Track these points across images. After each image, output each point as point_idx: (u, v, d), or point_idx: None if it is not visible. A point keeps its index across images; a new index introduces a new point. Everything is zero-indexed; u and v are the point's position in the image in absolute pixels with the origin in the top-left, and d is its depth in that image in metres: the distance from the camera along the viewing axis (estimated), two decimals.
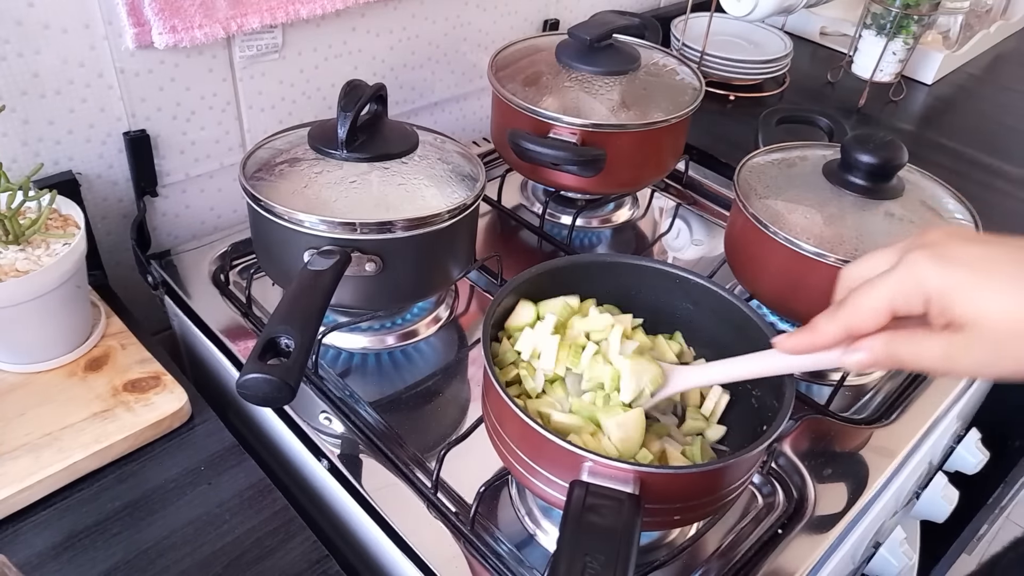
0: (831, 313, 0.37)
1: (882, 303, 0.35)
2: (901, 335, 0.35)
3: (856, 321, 0.36)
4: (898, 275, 0.34)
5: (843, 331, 0.36)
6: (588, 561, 0.35)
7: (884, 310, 0.35)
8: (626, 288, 0.54)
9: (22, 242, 0.52)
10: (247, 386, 0.43)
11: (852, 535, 0.53)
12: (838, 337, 0.37)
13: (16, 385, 0.54)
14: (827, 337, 0.37)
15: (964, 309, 0.33)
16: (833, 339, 0.37)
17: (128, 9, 0.59)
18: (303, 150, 0.59)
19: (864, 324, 0.36)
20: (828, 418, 0.60)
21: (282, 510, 0.49)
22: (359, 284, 0.57)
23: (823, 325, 0.37)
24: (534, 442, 0.42)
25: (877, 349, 0.36)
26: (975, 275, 0.33)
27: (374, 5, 0.74)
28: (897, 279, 0.34)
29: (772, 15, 0.97)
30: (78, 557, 0.46)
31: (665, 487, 0.40)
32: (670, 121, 0.70)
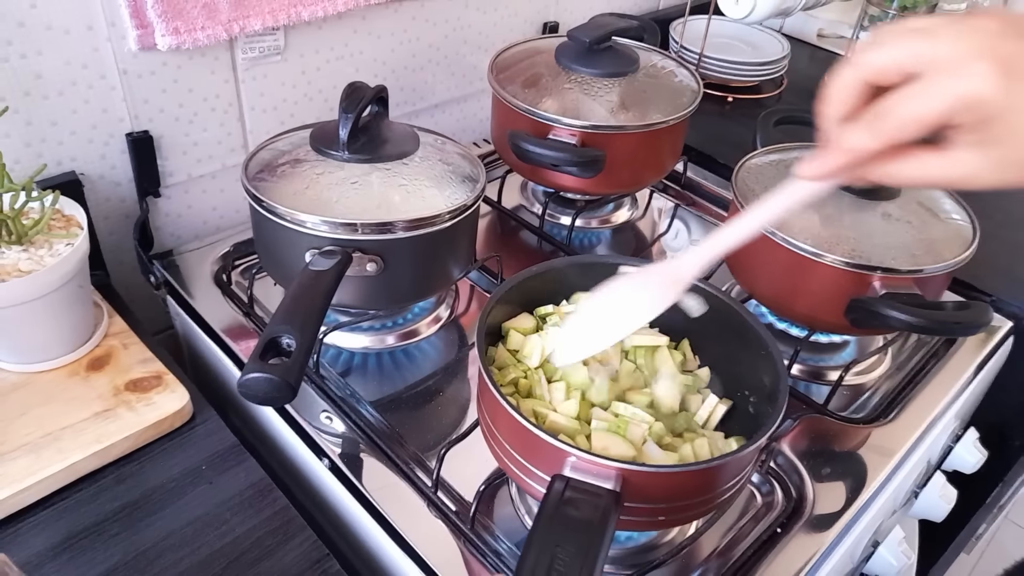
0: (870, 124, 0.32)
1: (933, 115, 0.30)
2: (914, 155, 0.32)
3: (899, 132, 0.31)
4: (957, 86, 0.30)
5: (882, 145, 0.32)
6: (558, 553, 0.35)
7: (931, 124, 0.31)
8: None
9: (25, 242, 0.52)
10: (248, 385, 0.43)
11: (851, 534, 0.53)
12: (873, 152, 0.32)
13: (18, 385, 0.54)
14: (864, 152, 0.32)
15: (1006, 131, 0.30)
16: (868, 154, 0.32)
17: (131, 11, 0.59)
18: (305, 151, 0.59)
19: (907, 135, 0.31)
20: (827, 417, 0.60)
21: (283, 509, 0.50)
22: (360, 284, 0.57)
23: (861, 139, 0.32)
24: (523, 438, 0.42)
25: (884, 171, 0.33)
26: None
27: (375, 8, 0.75)
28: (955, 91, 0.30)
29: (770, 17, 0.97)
30: (78, 557, 0.46)
31: (647, 486, 0.40)
32: (669, 122, 0.71)
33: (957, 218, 0.63)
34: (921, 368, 0.67)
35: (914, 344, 0.69)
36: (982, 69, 0.30)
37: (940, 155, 0.32)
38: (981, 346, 0.69)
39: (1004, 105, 0.30)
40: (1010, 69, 0.30)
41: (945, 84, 0.30)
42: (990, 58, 0.30)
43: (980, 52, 0.30)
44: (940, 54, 0.30)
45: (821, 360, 0.67)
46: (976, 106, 0.30)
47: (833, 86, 0.33)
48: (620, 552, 0.50)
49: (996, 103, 0.30)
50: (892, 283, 0.56)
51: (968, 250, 0.59)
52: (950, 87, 0.30)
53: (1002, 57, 0.30)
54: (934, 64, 0.30)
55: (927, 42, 0.31)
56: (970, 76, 0.30)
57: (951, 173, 0.32)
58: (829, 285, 0.58)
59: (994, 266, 0.74)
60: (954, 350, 0.68)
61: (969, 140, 0.31)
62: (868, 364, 0.66)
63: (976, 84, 0.30)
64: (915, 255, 0.58)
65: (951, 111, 0.31)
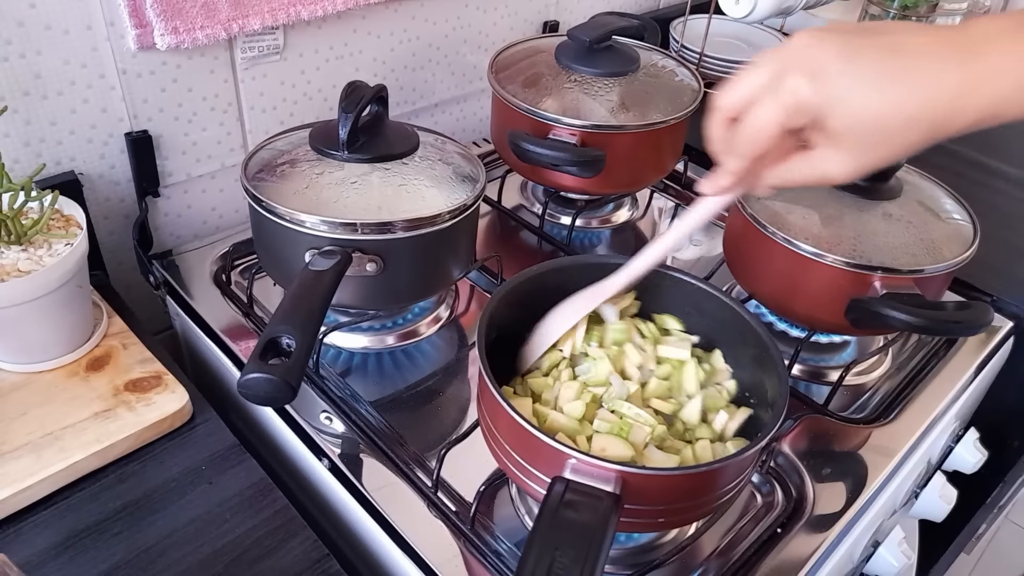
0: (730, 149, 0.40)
1: (770, 127, 0.37)
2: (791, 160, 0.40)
3: (755, 149, 0.39)
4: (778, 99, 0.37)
5: (748, 161, 0.40)
6: (558, 555, 0.35)
7: (775, 134, 0.37)
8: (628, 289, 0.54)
9: (24, 242, 0.52)
10: (248, 386, 0.43)
11: (851, 534, 0.53)
12: (746, 166, 0.40)
13: (18, 385, 0.54)
14: (739, 170, 0.40)
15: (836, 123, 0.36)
16: (743, 169, 0.40)
17: (130, 10, 0.59)
18: (304, 151, 0.59)
19: (762, 149, 0.39)
20: (827, 417, 0.60)
21: (283, 509, 0.50)
22: (360, 284, 0.57)
23: (731, 163, 0.40)
24: (523, 439, 0.42)
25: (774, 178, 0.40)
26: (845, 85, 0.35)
27: (375, 7, 0.75)
28: (779, 103, 0.37)
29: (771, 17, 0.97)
30: (79, 556, 0.46)
31: (647, 488, 0.40)
32: (669, 122, 0.71)
33: (957, 218, 0.63)
34: (921, 368, 0.67)
35: (914, 344, 0.69)
36: (792, 79, 0.36)
37: (805, 156, 0.39)
38: (981, 346, 0.69)
39: (823, 102, 0.36)
40: (815, 72, 0.35)
41: (769, 101, 0.37)
42: (798, 67, 0.36)
43: (791, 65, 0.36)
44: (764, 79, 0.37)
45: (821, 360, 0.67)
46: (800, 109, 0.36)
47: (707, 131, 0.41)
48: (620, 552, 0.50)
49: (815, 102, 0.36)
50: (892, 283, 0.56)
51: (969, 250, 0.59)
52: (773, 102, 0.37)
53: (808, 64, 0.36)
54: (763, 88, 0.37)
55: (754, 74, 0.38)
56: (785, 87, 0.36)
57: (817, 169, 0.39)
58: (829, 285, 0.58)
59: (995, 266, 0.74)
60: (954, 350, 0.68)
61: (818, 139, 0.38)
62: (868, 364, 0.66)
63: (791, 92, 0.36)
64: (915, 255, 0.58)
65: (784, 120, 0.37)
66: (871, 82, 0.34)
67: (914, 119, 0.35)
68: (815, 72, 0.35)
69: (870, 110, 0.35)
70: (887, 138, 0.36)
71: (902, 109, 0.34)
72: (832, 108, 0.35)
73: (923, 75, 0.34)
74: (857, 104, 0.35)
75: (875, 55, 0.35)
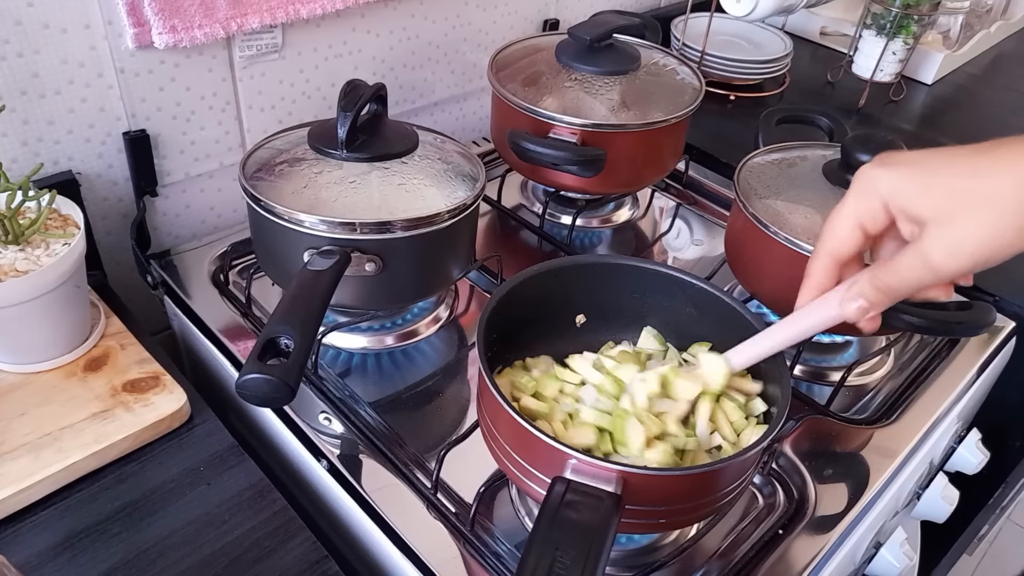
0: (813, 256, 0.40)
1: (850, 221, 0.37)
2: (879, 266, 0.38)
3: (834, 246, 0.38)
4: (853, 191, 0.37)
5: (830, 260, 0.39)
6: (558, 556, 0.35)
7: (854, 227, 0.37)
8: (627, 289, 0.53)
9: (22, 242, 0.52)
10: (247, 386, 0.43)
11: (853, 535, 0.53)
12: (829, 269, 0.39)
13: (16, 385, 0.54)
14: (821, 274, 0.40)
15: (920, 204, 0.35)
16: (827, 274, 0.40)
17: (128, 9, 0.59)
18: (303, 150, 0.59)
19: (843, 247, 0.38)
20: (829, 418, 0.60)
21: (282, 510, 0.49)
22: (359, 284, 0.57)
23: (813, 267, 0.40)
24: (524, 440, 0.42)
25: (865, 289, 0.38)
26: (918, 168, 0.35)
27: (374, 5, 0.74)
28: (853, 195, 0.37)
29: (772, 15, 0.96)
30: (78, 557, 0.46)
31: (648, 488, 0.39)
32: (670, 121, 0.70)
33: None
34: (924, 369, 0.66)
35: (917, 344, 0.69)
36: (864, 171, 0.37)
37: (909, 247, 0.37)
38: (984, 347, 0.68)
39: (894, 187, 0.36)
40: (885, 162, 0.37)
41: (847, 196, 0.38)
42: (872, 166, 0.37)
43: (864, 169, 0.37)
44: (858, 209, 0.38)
45: (823, 361, 0.67)
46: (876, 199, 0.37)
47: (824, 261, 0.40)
48: (620, 554, 0.50)
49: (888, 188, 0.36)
50: None
51: None
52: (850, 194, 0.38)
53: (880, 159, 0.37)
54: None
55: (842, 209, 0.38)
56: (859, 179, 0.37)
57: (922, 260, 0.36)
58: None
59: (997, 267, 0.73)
60: (957, 351, 0.68)
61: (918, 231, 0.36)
62: (870, 365, 0.66)
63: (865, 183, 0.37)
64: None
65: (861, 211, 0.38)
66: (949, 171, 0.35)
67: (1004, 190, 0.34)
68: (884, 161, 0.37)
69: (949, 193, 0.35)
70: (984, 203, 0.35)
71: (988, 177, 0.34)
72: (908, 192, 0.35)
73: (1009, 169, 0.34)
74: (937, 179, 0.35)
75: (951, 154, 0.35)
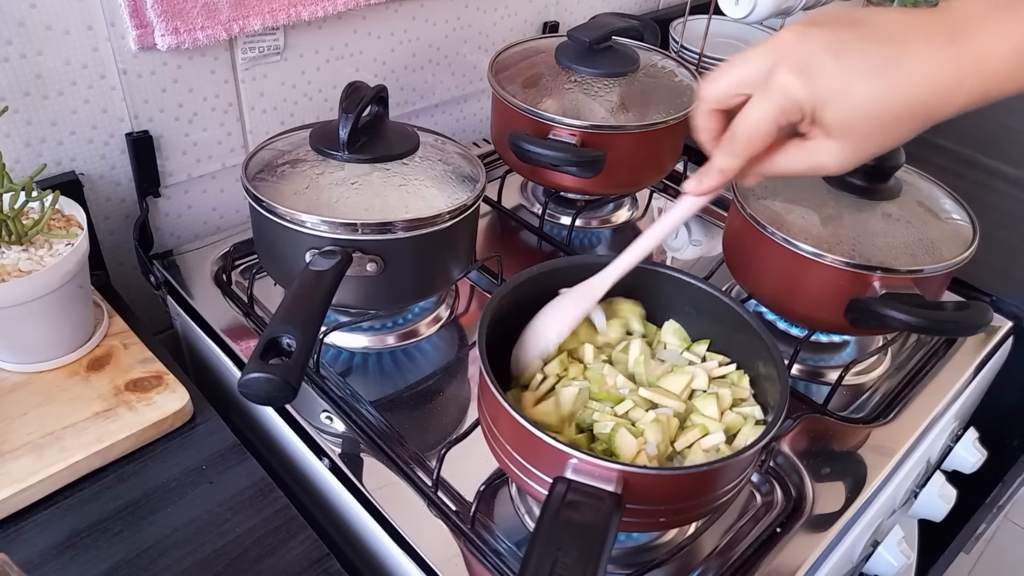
0: (726, 148, 0.40)
1: (765, 126, 0.37)
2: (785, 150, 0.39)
3: (751, 148, 0.39)
4: (771, 98, 0.37)
5: (744, 161, 0.40)
6: (560, 555, 0.35)
7: (771, 132, 0.38)
8: (627, 289, 0.54)
9: (25, 242, 0.52)
10: (249, 385, 0.43)
11: (850, 534, 0.53)
12: (740, 167, 0.40)
13: (19, 384, 0.54)
14: (733, 170, 0.40)
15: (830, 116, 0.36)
16: (737, 170, 0.40)
17: (130, 11, 0.59)
18: (305, 151, 0.59)
19: (757, 148, 0.39)
20: (826, 417, 0.60)
21: (283, 509, 0.50)
22: (360, 284, 0.57)
23: (724, 161, 0.40)
24: (524, 439, 0.42)
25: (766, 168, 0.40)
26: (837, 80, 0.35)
27: (375, 7, 0.75)
28: (771, 101, 0.37)
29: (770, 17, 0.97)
30: (80, 556, 0.46)
31: (649, 488, 0.40)
32: (669, 122, 0.71)
33: (957, 218, 0.63)
34: (921, 368, 0.67)
35: (914, 344, 0.69)
36: (783, 77, 0.36)
37: (800, 146, 0.39)
38: (981, 346, 0.69)
39: (815, 97, 0.36)
40: (805, 68, 0.36)
41: (762, 99, 0.37)
42: (787, 64, 0.36)
43: (779, 61, 0.36)
44: (757, 71, 0.37)
45: (821, 360, 0.67)
46: (793, 105, 0.36)
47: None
48: (619, 552, 0.50)
49: (806, 98, 0.36)
50: (892, 283, 0.56)
51: (968, 250, 0.59)
52: (766, 100, 0.37)
53: (797, 60, 0.36)
54: (756, 82, 0.37)
55: (742, 67, 0.38)
56: (775, 85, 0.36)
57: (812, 160, 0.38)
58: (829, 285, 0.58)
59: (994, 266, 0.74)
60: (954, 350, 0.68)
61: (814, 132, 0.38)
62: (868, 364, 0.66)
63: (783, 90, 0.36)
64: (915, 255, 0.58)
65: (779, 117, 0.37)
66: (861, 74, 0.35)
67: (906, 108, 0.35)
68: (804, 68, 0.36)
69: (862, 103, 0.35)
70: (881, 128, 0.36)
71: (894, 99, 0.35)
72: (825, 102, 0.36)
73: (912, 63, 0.34)
74: (850, 98, 0.35)
75: (862, 46, 0.35)
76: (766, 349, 0.47)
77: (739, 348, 0.51)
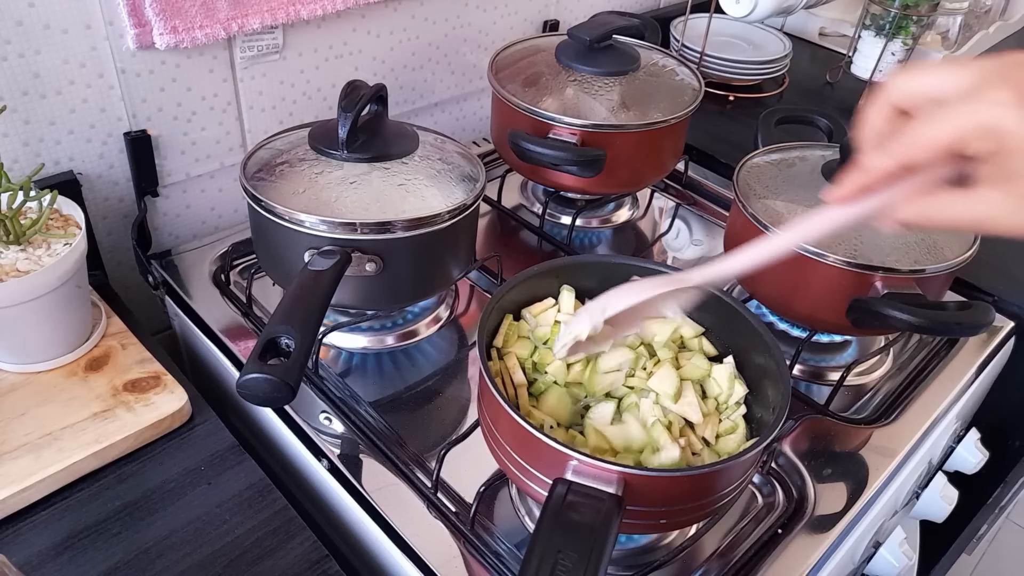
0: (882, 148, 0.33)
1: (946, 139, 0.31)
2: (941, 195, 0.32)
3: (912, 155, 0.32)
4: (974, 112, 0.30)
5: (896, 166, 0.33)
6: (560, 557, 0.35)
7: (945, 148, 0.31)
8: None
9: (23, 242, 0.52)
10: (247, 386, 0.43)
11: (852, 535, 0.53)
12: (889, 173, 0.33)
13: (17, 385, 0.54)
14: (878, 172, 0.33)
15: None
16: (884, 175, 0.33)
17: (129, 10, 0.59)
18: (304, 150, 0.59)
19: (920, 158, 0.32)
20: (828, 418, 0.60)
21: (282, 510, 0.49)
22: (359, 284, 0.57)
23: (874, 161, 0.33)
24: (525, 441, 0.42)
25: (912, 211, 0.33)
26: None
27: (374, 6, 0.74)
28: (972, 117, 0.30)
29: (771, 16, 0.97)
30: (78, 557, 0.46)
31: (649, 489, 0.40)
32: (670, 121, 0.70)
33: None
34: (923, 368, 0.66)
35: (916, 344, 0.69)
36: (1002, 97, 0.30)
37: (965, 194, 0.32)
38: (983, 346, 0.68)
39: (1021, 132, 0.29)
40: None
41: (963, 109, 0.30)
42: (1009, 85, 0.30)
43: (999, 80, 0.30)
44: (965, 82, 0.31)
45: (822, 360, 0.67)
46: (993, 133, 0.30)
47: (867, 111, 0.34)
48: (620, 553, 0.50)
49: (1014, 131, 0.29)
50: (894, 283, 0.56)
51: (970, 250, 0.59)
52: (968, 112, 0.30)
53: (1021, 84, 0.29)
54: (958, 91, 0.31)
55: (954, 71, 0.32)
56: (989, 102, 0.30)
57: (974, 212, 0.32)
58: (831, 285, 0.58)
59: (996, 266, 0.74)
60: (956, 350, 0.68)
61: (990, 174, 0.31)
62: (870, 364, 0.66)
63: (994, 111, 0.30)
64: (917, 255, 0.58)
65: (967, 136, 0.30)
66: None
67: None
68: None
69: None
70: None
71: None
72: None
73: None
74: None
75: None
76: (768, 350, 0.47)
77: (740, 348, 0.50)
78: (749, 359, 0.50)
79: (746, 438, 0.47)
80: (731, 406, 0.48)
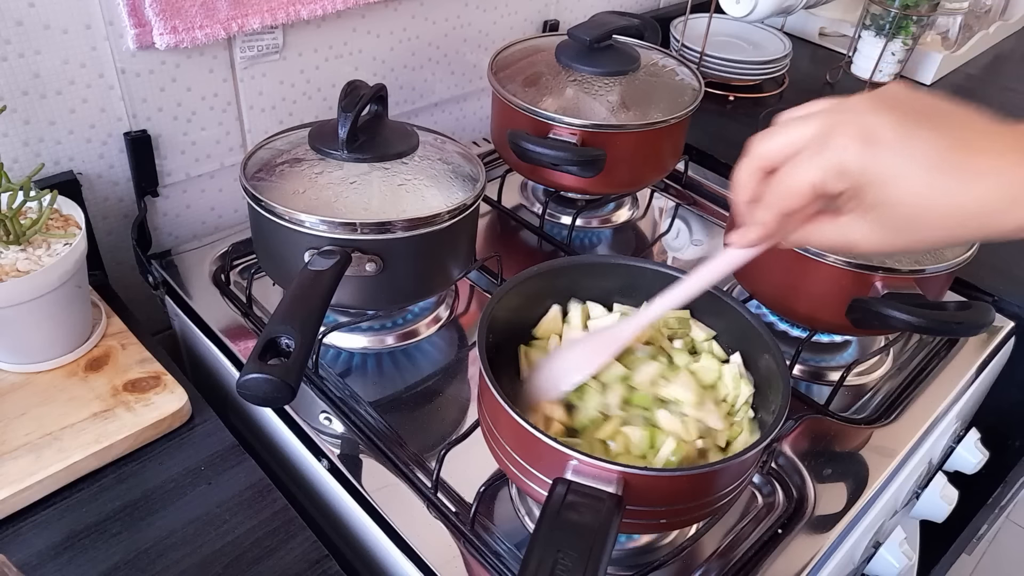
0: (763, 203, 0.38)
1: (806, 187, 0.35)
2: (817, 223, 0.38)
3: (787, 205, 0.37)
4: (822, 160, 0.35)
5: (778, 217, 0.38)
6: (560, 557, 0.35)
7: (809, 194, 0.36)
8: (627, 289, 0.54)
9: (23, 242, 0.52)
10: (247, 386, 0.43)
11: (852, 535, 0.53)
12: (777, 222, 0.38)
13: (17, 385, 0.54)
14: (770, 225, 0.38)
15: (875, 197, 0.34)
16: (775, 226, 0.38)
17: (129, 10, 0.59)
18: (304, 150, 0.59)
19: (793, 207, 0.37)
20: (828, 418, 0.60)
21: (282, 510, 0.49)
22: (359, 284, 0.57)
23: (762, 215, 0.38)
24: (525, 441, 0.42)
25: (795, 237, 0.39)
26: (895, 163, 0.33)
27: (374, 6, 0.74)
28: (821, 164, 0.35)
29: (771, 16, 0.97)
30: (78, 557, 0.46)
31: (649, 489, 0.40)
32: (670, 121, 0.70)
33: None
34: (923, 368, 0.66)
35: (916, 344, 0.69)
36: (843, 142, 0.34)
37: (833, 222, 0.37)
38: (983, 346, 0.68)
39: (867, 171, 0.34)
40: (869, 139, 0.33)
41: (813, 160, 0.35)
42: (852, 132, 0.34)
43: (843, 128, 0.34)
44: (812, 133, 0.35)
45: (822, 360, 0.67)
46: (842, 175, 0.34)
47: (738, 176, 0.39)
48: (620, 553, 0.50)
49: (858, 170, 0.34)
50: (894, 283, 0.56)
51: (970, 250, 0.59)
52: (817, 161, 0.35)
53: (862, 129, 0.34)
54: (808, 144, 0.35)
55: (801, 127, 0.36)
56: (833, 148, 0.34)
57: (842, 237, 0.37)
58: (831, 285, 0.58)
59: (996, 266, 0.74)
60: (956, 350, 0.68)
61: (851, 207, 0.36)
62: (869, 364, 0.66)
63: (838, 155, 0.34)
64: (916, 255, 0.58)
65: (821, 181, 0.35)
66: (923, 168, 0.33)
67: (955, 217, 0.33)
68: (868, 138, 0.33)
69: (913, 196, 0.33)
70: (922, 226, 0.34)
71: (947, 204, 0.33)
72: (875, 181, 0.34)
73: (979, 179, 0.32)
74: (902, 186, 0.33)
75: (935, 143, 0.33)
76: (768, 350, 0.47)
77: (741, 348, 0.50)
78: (750, 359, 0.50)
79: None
80: (740, 407, 0.48)
